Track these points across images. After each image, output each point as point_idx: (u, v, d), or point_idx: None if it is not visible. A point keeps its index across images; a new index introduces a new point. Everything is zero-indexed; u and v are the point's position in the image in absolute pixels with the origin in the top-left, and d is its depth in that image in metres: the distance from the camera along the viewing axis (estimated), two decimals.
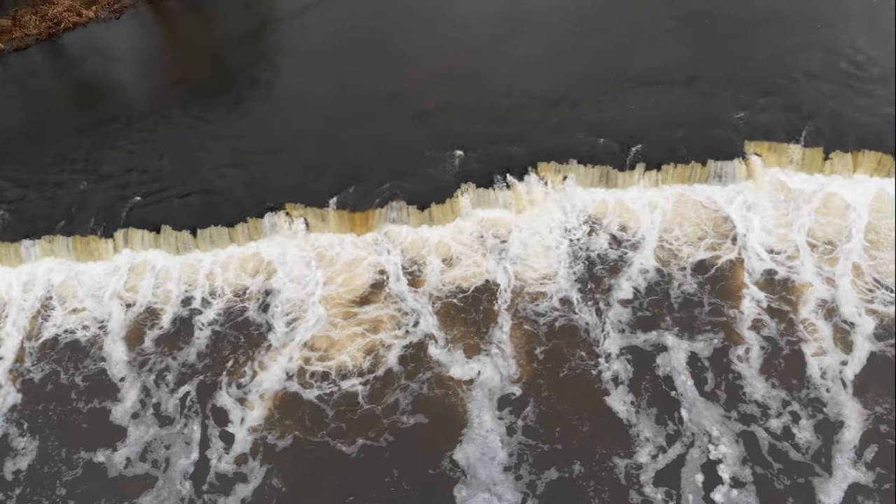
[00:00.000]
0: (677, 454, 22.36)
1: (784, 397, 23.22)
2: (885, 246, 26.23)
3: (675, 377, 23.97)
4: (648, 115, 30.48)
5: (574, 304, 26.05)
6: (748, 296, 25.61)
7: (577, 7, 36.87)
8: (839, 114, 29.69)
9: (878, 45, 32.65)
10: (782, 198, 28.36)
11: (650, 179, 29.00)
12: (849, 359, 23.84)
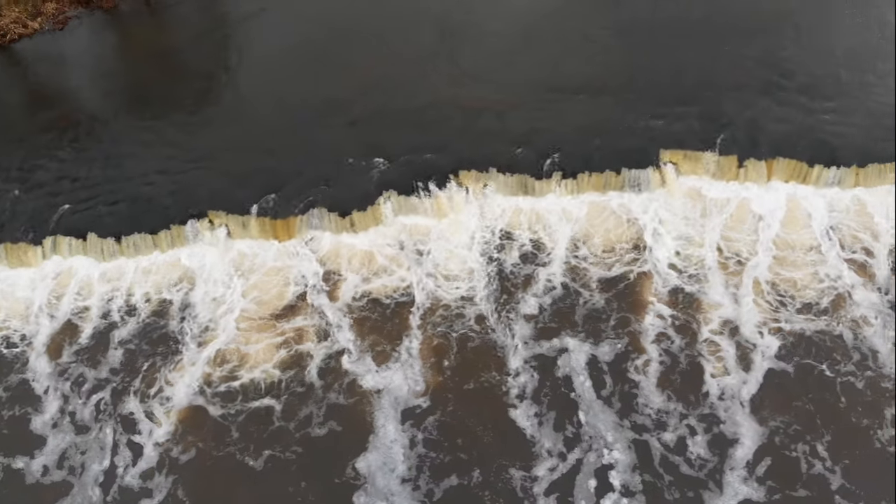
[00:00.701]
0: (575, 459, 21.87)
1: (681, 411, 22.64)
2: (789, 263, 25.67)
3: (578, 387, 23.42)
4: (568, 125, 29.83)
5: (486, 313, 25.44)
6: (653, 310, 25.01)
7: (507, 19, 36.00)
8: (756, 122, 29.16)
9: (805, 54, 32.19)
10: (695, 206, 27.60)
11: (566, 188, 28.32)
12: (748, 378, 23.19)
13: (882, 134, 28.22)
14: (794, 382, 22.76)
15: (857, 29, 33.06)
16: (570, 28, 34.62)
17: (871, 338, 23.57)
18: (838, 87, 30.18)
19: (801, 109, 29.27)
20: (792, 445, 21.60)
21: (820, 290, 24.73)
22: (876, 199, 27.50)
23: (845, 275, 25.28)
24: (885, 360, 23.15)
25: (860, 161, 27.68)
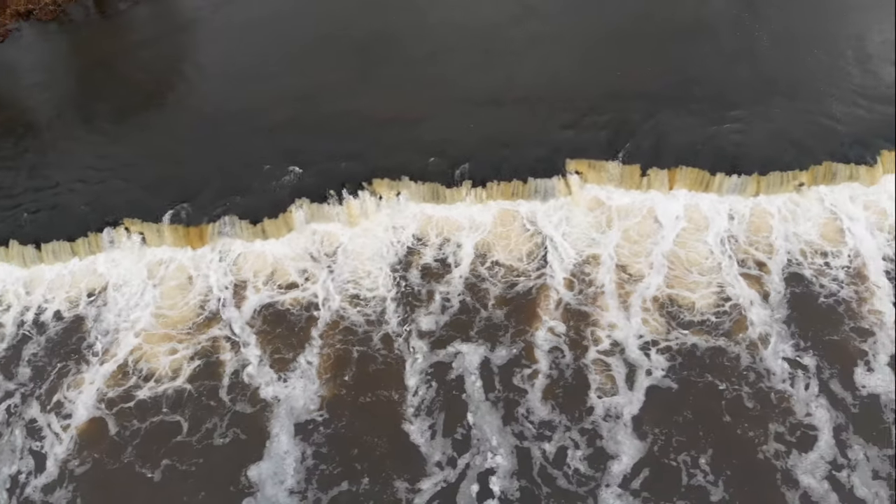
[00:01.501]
0: (462, 465, 21.33)
1: (566, 423, 21.99)
2: (684, 275, 25.13)
3: (470, 394, 22.82)
4: (479, 135, 29.09)
5: (389, 322, 24.72)
6: (548, 321, 24.33)
7: (421, 33, 35.12)
8: (661, 131, 28.46)
9: (712, 63, 31.44)
10: (598, 215, 26.93)
11: (476, 196, 27.41)
12: (632, 396, 22.42)
13: (784, 143, 27.40)
14: (680, 398, 22.10)
15: (763, 39, 32.10)
16: (482, 41, 33.71)
17: (761, 352, 22.82)
18: (743, 95, 29.36)
19: (706, 118, 28.61)
20: (673, 460, 20.97)
21: (713, 303, 24.10)
22: (775, 206, 26.44)
23: (739, 289, 24.58)
24: (774, 374, 22.53)
25: (761, 169, 26.79)
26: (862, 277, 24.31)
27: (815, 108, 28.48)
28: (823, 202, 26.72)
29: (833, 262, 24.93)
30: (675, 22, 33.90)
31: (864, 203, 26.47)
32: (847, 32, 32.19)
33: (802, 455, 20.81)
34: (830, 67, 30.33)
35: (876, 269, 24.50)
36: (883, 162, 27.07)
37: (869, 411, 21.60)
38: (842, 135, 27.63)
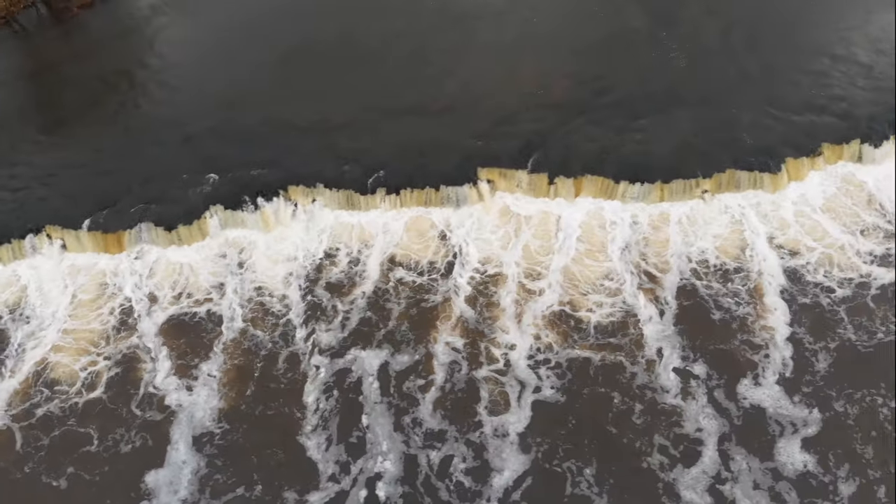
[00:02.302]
0: (353, 470, 20.78)
1: (455, 435, 21.20)
2: (579, 292, 24.17)
3: (366, 400, 22.23)
4: (395, 143, 28.28)
5: (294, 330, 24.02)
6: (449, 329, 23.64)
7: (341, 42, 34.28)
8: (569, 141, 27.76)
9: (630, 76, 30.61)
10: (506, 222, 26.04)
11: (390, 203, 26.58)
12: (519, 413, 21.66)
13: (689, 151, 26.59)
14: (568, 412, 21.41)
15: (676, 52, 31.25)
16: (404, 50, 32.77)
17: (653, 365, 22.24)
18: (652, 106, 28.53)
19: (614, 129, 27.88)
20: (556, 474, 20.33)
21: (609, 315, 23.34)
22: (677, 214, 25.66)
23: (636, 300, 23.94)
24: (664, 387, 21.84)
25: (665, 177, 25.91)
26: (758, 293, 23.64)
27: (722, 118, 27.74)
28: (727, 211, 25.74)
29: (731, 274, 24.33)
30: (592, 37, 33.17)
31: (765, 213, 25.40)
32: (757, 46, 31.08)
33: (687, 467, 20.23)
34: (740, 79, 29.54)
35: (771, 284, 23.79)
36: (788, 169, 26.14)
37: (753, 424, 20.98)
38: (747, 143, 26.89)
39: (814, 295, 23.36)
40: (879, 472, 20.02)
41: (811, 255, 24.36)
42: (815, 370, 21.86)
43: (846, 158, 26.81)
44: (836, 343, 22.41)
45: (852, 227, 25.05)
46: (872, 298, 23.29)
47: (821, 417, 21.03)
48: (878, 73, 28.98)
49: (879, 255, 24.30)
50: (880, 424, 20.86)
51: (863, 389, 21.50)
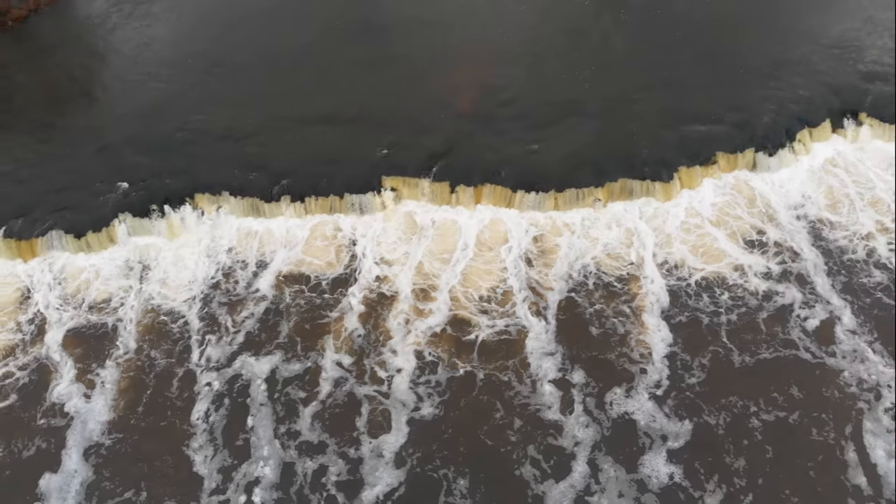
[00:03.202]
0: (235, 476, 19.93)
1: (336, 448, 20.31)
2: (466, 318, 22.97)
3: (254, 405, 21.37)
4: (302, 152, 27.30)
5: (191, 338, 23.09)
6: (342, 338, 22.70)
7: (254, 51, 32.97)
8: (472, 151, 26.91)
9: (533, 88, 29.60)
10: (408, 230, 25.14)
11: (295, 210, 25.59)
12: (398, 432, 20.72)
13: (584, 161, 25.74)
14: (447, 429, 20.51)
15: (579, 65, 30.13)
16: (320, 61, 31.58)
17: (534, 378, 21.34)
18: (552, 117, 27.52)
19: (515, 139, 27.01)
20: (430, 487, 19.49)
21: (496, 327, 22.49)
22: (567, 222, 24.78)
23: (524, 312, 22.87)
24: (543, 398, 21.00)
25: (559, 186, 24.96)
26: (640, 305, 22.80)
27: (620, 129, 26.88)
28: (617, 220, 24.84)
29: (616, 285, 23.56)
30: (503, 50, 32.02)
31: (655, 222, 24.42)
32: (661, 58, 29.96)
33: (557, 480, 19.48)
34: (641, 90, 28.48)
35: (654, 295, 22.96)
36: (681, 178, 25.15)
37: (624, 437, 20.19)
38: (642, 153, 25.98)
39: (695, 307, 22.52)
40: (745, 480, 19.34)
41: (696, 265, 23.46)
42: (690, 385, 21.16)
43: (741, 167, 25.73)
44: (715, 358, 21.69)
45: (742, 238, 24.04)
46: (755, 313, 22.49)
47: (691, 430, 20.24)
48: (777, 82, 27.85)
49: (766, 269, 23.43)
50: (751, 436, 19.97)
51: (738, 404, 20.74)
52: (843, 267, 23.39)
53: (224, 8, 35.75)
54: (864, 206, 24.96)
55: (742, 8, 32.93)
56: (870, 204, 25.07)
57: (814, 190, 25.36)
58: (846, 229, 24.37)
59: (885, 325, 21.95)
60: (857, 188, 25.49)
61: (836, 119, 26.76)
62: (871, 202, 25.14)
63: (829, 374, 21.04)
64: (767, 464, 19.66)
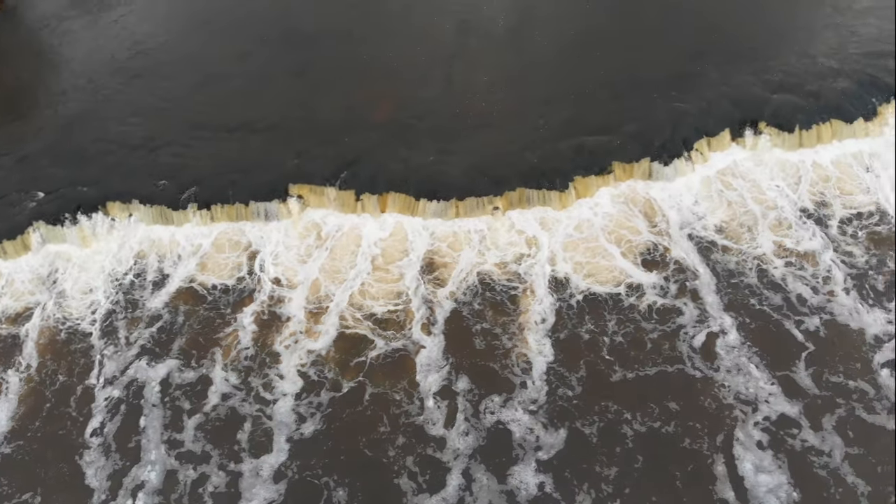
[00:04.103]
0: (122, 481, 19.10)
1: (219, 457, 19.53)
2: (360, 331, 21.96)
3: (148, 411, 20.53)
4: (211, 160, 26.29)
5: (93, 346, 22.22)
6: (233, 355, 21.64)
7: (172, 61, 31.82)
8: (377, 160, 25.92)
9: (439, 98, 28.49)
10: (311, 239, 24.06)
11: (201, 218, 24.53)
12: (274, 451, 19.69)
13: (484, 171, 24.86)
14: (330, 446, 19.56)
15: (487, 76, 29.07)
16: (243, 70, 30.34)
17: (419, 391, 20.29)
18: (456, 128, 26.79)
19: (420, 149, 26.03)
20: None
21: (389, 339, 21.46)
22: (471, 228, 23.74)
23: (416, 327, 21.91)
24: (428, 412, 20.04)
25: (460, 195, 23.86)
26: (526, 317, 21.78)
27: (521, 140, 25.91)
28: (514, 228, 23.73)
29: (506, 296, 22.51)
30: (419, 62, 30.79)
31: (550, 231, 23.33)
32: (564, 71, 28.83)
33: (433, 493, 18.59)
34: (543, 102, 27.39)
35: (540, 306, 21.90)
36: (576, 187, 24.10)
37: (499, 448, 19.29)
38: (541, 162, 24.78)
39: (579, 320, 21.39)
40: (613, 487, 18.50)
41: (586, 276, 22.41)
42: (568, 397, 20.24)
43: (636, 176, 24.60)
44: (596, 371, 20.68)
45: (633, 250, 23.02)
46: (641, 325, 21.46)
47: (565, 440, 19.40)
48: (679, 93, 26.71)
49: (654, 282, 22.47)
50: (624, 446, 19.16)
51: (614, 416, 19.78)
52: (733, 280, 22.24)
53: (158, 21, 34.59)
54: (756, 215, 23.73)
55: (647, 20, 31.67)
56: (762, 212, 23.85)
57: (707, 200, 24.29)
58: (737, 241, 23.23)
59: (770, 342, 20.87)
60: (753, 197, 24.29)
61: (735, 129, 25.42)
62: (763, 210, 23.91)
63: (709, 387, 20.08)
64: (637, 473, 18.73)
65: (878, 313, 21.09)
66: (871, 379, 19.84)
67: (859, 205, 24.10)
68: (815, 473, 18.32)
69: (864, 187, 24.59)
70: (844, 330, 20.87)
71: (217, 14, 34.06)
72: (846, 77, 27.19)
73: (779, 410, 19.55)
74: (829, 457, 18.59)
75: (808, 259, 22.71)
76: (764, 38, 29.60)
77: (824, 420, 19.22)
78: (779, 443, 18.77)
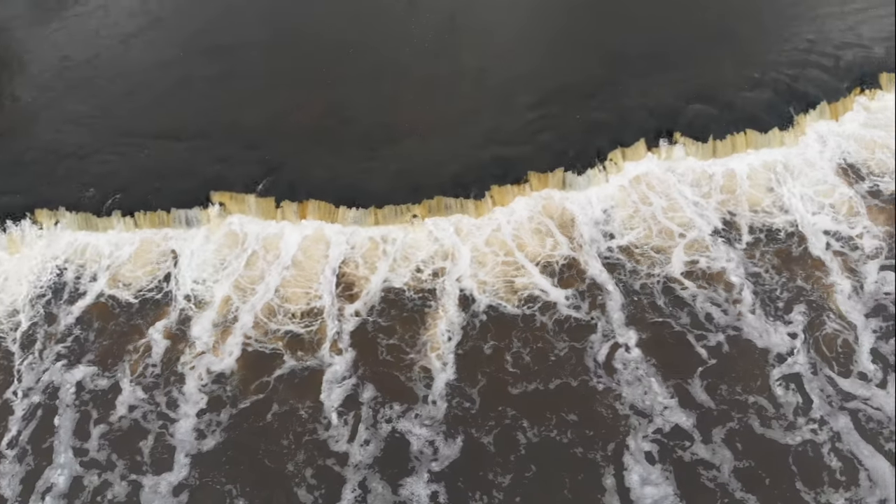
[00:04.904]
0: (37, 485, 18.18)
1: (124, 470, 18.47)
2: (268, 346, 20.87)
3: (59, 417, 19.59)
4: (140, 167, 25.38)
5: (13, 353, 21.23)
6: (142, 367, 20.60)
7: (128, 67, 30.76)
8: (299, 167, 25.11)
9: (368, 107, 27.38)
10: (230, 247, 23.02)
11: (125, 225, 23.63)
12: (174, 469, 18.62)
13: (404, 179, 24.16)
14: (229, 461, 18.58)
15: (416, 86, 28.08)
16: (171, 78, 29.10)
17: (323, 406, 19.37)
18: (381, 137, 25.81)
19: (345, 156, 25.17)
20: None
21: (301, 354, 20.52)
22: (390, 236, 22.73)
23: (327, 340, 20.80)
24: (333, 430, 19.01)
25: (379, 203, 22.96)
26: (432, 336, 20.71)
27: (442, 149, 25.02)
28: (431, 237, 22.69)
29: (412, 305, 21.61)
30: (349, 70, 29.68)
31: (466, 239, 22.35)
32: (487, 81, 27.75)
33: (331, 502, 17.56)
34: (467, 112, 26.56)
35: (447, 314, 21.05)
36: (493, 196, 23.16)
37: (396, 459, 18.43)
38: (460, 172, 23.91)
39: (485, 332, 20.49)
40: (503, 495, 17.69)
41: (495, 286, 21.38)
42: (467, 409, 19.32)
43: (551, 186, 23.59)
44: (498, 383, 19.70)
45: (543, 260, 22.02)
46: (546, 336, 20.42)
47: (461, 450, 18.58)
48: (596, 103, 25.73)
49: (563, 293, 21.42)
50: (519, 455, 18.31)
51: (511, 427, 18.85)
52: (640, 295, 21.27)
53: (88, 34, 33.28)
54: (667, 228, 22.78)
55: (568, 31, 30.60)
56: (673, 225, 22.89)
57: (620, 210, 23.31)
58: (647, 255, 22.26)
59: (672, 356, 19.93)
60: (665, 207, 23.32)
61: (651, 138, 24.42)
62: (674, 223, 22.93)
63: (608, 399, 19.17)
64: (529, 481, 17.92)
65: (781, 329, 20.15)
66: (768, 394, 18.92)
67: (769, 219, 23.09)
68: (703, 485, 17.45)
69: (775, 198, 23.56)
70: (747, 346, 19.98)
71: (146, 27, 32.77)
72: (765, 86, 26.19)
73: (673, 422, 18.66)
74: (717, 470, 17.70)
75: (716, 274, 21.75)
76: (682, 47, 28.54)
77: (717, 433, 18.35)
78: (669, 455, 17.95)
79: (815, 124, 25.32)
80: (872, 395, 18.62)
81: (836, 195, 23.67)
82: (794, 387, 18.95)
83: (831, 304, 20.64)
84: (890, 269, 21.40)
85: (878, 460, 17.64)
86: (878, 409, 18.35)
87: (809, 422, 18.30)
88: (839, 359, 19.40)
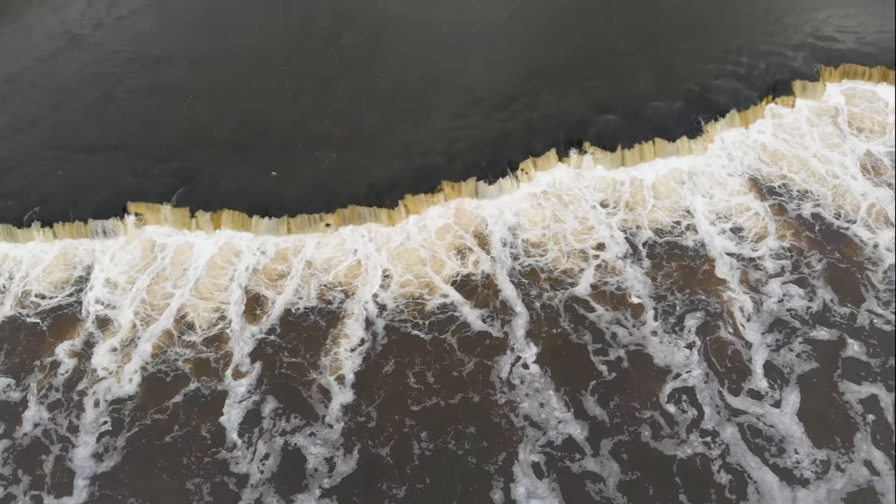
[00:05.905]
0: None
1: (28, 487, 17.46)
2: (174, 358, 19.64)
3: None
4: (62, 179, 23.98)
5: None
6: (49, 383, 19.41)
7: (52, 80, 28.84)
8: (215, 178, 23.81)
9: (294, 115, 25.94)
10: (144, 257, 21.60)
11: (45, 235, 22.01)
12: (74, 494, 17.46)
13: (318, 189, 23.12)
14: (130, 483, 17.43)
15: (345, 93, 26.67)
16: (93, 92, 27.51)
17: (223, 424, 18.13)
18: (299, 146, 24.70)
19: (259, 166, 23.88)
20: None
21: (202, 369, 19.29)
22: (304, 245, 21.68)
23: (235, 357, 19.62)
24: (231, 450, 17.87)
25: (292, 212, 21.79)
26: (335, 356, 19.35)
27: (358, 159, 23.86)
28: (345, 245, 21.52)
29: (327, 319, 20.34)
30: (268, 80, 27.92)
31: (380, 247, 21.13)
32: (408, 93, 26.42)
33: None
34: (385, 123, 25.26)
35: (353, 337, 19.74)
36: (406, 205, 21.99)
37: (292, 474, 17.47)
38: (374, 181, 22.59)
39: (390, 347, 19.27)
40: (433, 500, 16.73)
41: (405, 298, 20.29)
42: (365, 423, 18.38)
43: (464, 195, 22.36)
44: (398, 397, 18.76)
45: (452, 272, 20.90)
46: (452, 356, 19.44)
47: (357, 462, 17.68)
48: (506, 114, 24.58)
49: (470, 304, 20.36)
50: (415, 467, 17.45)
51: (411, 439, 17.99)
52: (544, 310, 20.12)
53: (17, 51, 31.18)
54: (573, 238, 21.66)
55: (484, 43, 29.14)
56: (580, 235, 21.74)
57: (529, 218, 22.19)
58: (554, 266, 21.11)
59: (571, 371, 18.95)
60: (573, 215, 22.16)
61: (562, 148, 23.19)
62: (581, 233, 21.77)
63: (506, 413, 18.26)
64: (421, 492, 17.04)
65: (679, 345, 19.12)
66: (661, 410, 17.93)
67: (674, 228, 21.97)
68: (589, 497, 16.45)
69: (681, 207, 22.46)
70: (645, 361, 18.90)
71: (66, 46, 30.72)
72: (676, 96, 25.02)
73: (566, 434, 17.68)
74: (604, 483, 16.81)
75: (620, 290, 20.64)
76: (597, 59, 27.26)
77: (606, 445, 17.43)
78: (558, 467, 16.95)
79: (725, 132, 24.11)
80: (765, 413, 17.73)
81: (737, 203, 22.65)
82: (688, 400, 17.94)
83: (730, 320, 19.67)
84: (793, 283, 20.43)
85: (765, 472, 16.72)
86: (771, 427, 17.46)
87: (700, 435, 17.41)
88: (732, 374, 18.45)
